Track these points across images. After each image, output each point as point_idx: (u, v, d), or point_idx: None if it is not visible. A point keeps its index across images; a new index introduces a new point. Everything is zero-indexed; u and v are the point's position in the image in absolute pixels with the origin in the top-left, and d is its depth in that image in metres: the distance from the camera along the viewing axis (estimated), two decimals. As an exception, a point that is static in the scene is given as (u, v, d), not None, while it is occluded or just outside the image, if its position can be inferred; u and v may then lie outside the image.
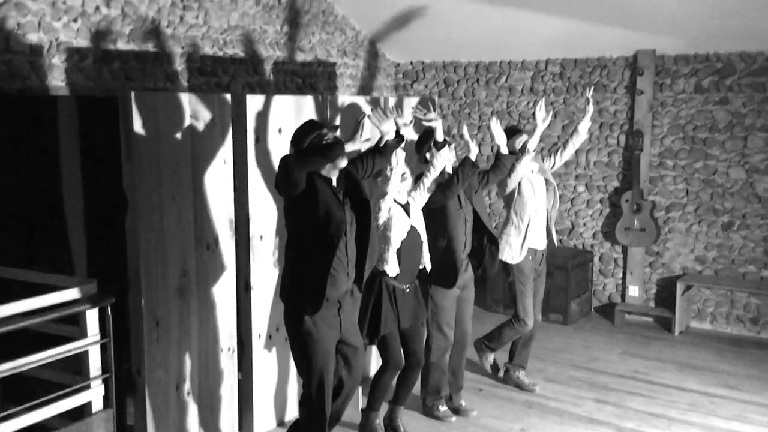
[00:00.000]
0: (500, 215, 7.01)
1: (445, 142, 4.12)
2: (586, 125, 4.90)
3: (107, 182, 3.82)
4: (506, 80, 7.08)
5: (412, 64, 7.55)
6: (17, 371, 3.14)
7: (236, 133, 4.05)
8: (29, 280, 3.69)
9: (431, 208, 4.22)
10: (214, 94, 4.24)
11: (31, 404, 3.19)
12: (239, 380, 4.26)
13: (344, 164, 3.52)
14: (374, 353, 4.97)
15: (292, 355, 3.63)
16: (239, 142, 4.06)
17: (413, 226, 4.03)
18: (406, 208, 4.05)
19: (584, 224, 6.90)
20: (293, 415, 4.42)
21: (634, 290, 6.64)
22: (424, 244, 4.11)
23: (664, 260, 6.53)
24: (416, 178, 4.16)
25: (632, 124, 6.50)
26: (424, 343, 4.28)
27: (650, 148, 6.43)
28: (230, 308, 4.14)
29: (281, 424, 4.42)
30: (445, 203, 4.25)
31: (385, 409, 4.30)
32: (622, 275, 6.77)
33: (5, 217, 4.18)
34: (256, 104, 4.08)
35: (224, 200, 4.04)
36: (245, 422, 4.29)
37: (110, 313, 3.43)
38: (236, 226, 4.12)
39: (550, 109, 4.88)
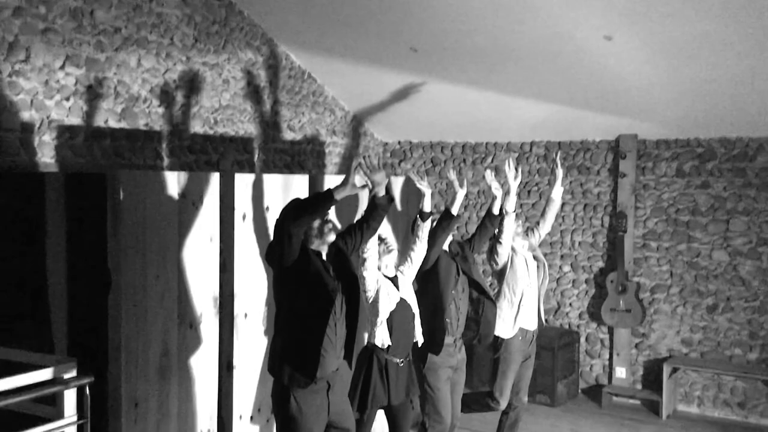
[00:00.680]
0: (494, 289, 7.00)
1: (431, 213, 4.17)
2: (558, 191, 4.96)
3: (92, 260, 3.80)
4: (492, 161, 7.19)
5: (399, 143, 7.68)
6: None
7: (223, 210, 4.08)
8: (7, 357, 3.62)
9: (425, 277, 4.24)
10: (202, 172, 4.29)
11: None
12: (218, 463, 4.15)
13: (332, 238, 3.53)
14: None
15: (275, 437, 3.56)
16: (226, 219, 4.08)
17: (403, 298, 4.01)
18: (394, 281, 4.05)
19: (570, 304, 6.90)
20: (273, 500, 4.29)
21: (621, 372, 6.59)
22: (416, 316, 4.09)
23: (650, 342, 6.51)
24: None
25: (616, 205, 6.59)
26: (411, 420, 4.20)
27: (634, 229, 6.50)
28: (212, 388, 4.07)
29: None
30: (433, 259, 4.26)
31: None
32: (608, 356, 6.73)
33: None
34: (244, 182, 4.12)
35: (209, 278, 4.03)
36: (223, 508, 4.16)
37: (89, 392, 3.37)
38: (220, 303, 4.10)
39: (518, 165, 4.93)
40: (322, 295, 3.37)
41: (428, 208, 4.16)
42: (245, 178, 4.14)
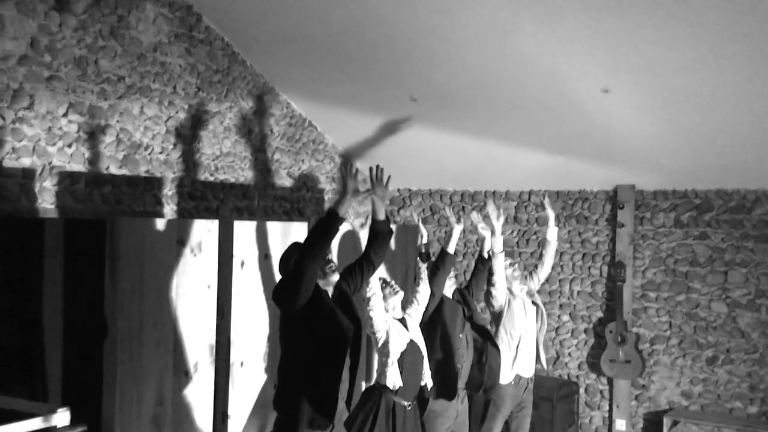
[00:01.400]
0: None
1: (429, 255, 4.19)
2: (553, 232, 4.98)
3: (88, 307, 3.79)
4: (495, 207, 7.20)
5: (399, 191, 7.71)
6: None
7: (222, 258, 4.08)
8: (-1, 405, 3.58)
9: (431, 322, 4.23)
10: (201, 219, 4.30)
11: None
12: None
13: (336, 279, 3.50)
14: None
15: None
16: (224, 266, 4.08)
17: (412, 339, 3.99)
18: (403, 322, 4.04)
19: (569, 354, 6.85)
20: None
21: (621, 424, 6.51)
22: (424, 358, 4.06)
23: (650, 394, 6.45)
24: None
25: (614, 255, 6.59)
26: None
27: (632, 279, 6.50)
28: (206, 438, 4.02)
29: None
30: (436, 300, 4.25)
31: None
32: (608, 408, 6.65)
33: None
34: (243, 229, 4.14)
35: (206, 325, 4.01)
36: None
37: (81, 442, 3.32)
38: (217, 351, 4.07)
39: (499, 205, 4.96)
40: (337, 333, 3.30)
41: (424, 249, 4.19)
42: (244, 225, 4.16)
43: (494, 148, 6.23)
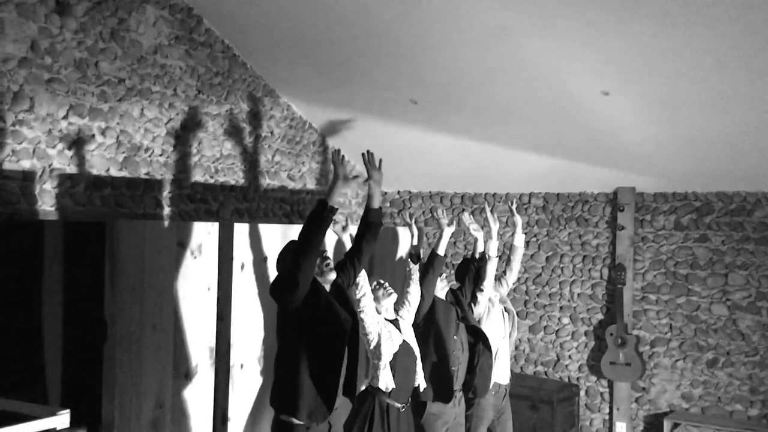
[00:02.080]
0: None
1: (419, 256, 4.19)
2: (520, 239, 4.98)
3: (88, 309, 3.79)
4: (491, 211, 7.20)
5: (399, 193, 7.71)
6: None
7: (222, 260, 4.08)
8: (-1, 407, 3.58)
9: (425, 324, 4.22)
10: (201, 222, 4.30)
11: None
12: None
13: (333, 277, 3.51)
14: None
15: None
16: (224, 269, 4.08)
17: (405, 341, 3.99)
18: (395, 323, 4.03)
19: (570, 356, 6.85)
20: None
21: (621, 427, 6.50)
22: (417, 360, 4.05)
23: (650, 396, 6.44)
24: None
25: (614, 257, 6.58)
26: None
27: (633, 282, 6.49)
28: (205, 441, 4.02)
29: None
30: (428, 302, 4.25)
31: None
32: (609, 411, 6.64)
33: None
34: (242, 232, 4.13)
35: (206, 328, 4.00)
36: None
37: (80, 445, 3.32)
38: (217, 353, 4.07)
39: (495, 210, 4.97)
40: (335, 325, 3.32)
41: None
42: (244, 227, 4.16)
43: (494, 150, 6.23)
